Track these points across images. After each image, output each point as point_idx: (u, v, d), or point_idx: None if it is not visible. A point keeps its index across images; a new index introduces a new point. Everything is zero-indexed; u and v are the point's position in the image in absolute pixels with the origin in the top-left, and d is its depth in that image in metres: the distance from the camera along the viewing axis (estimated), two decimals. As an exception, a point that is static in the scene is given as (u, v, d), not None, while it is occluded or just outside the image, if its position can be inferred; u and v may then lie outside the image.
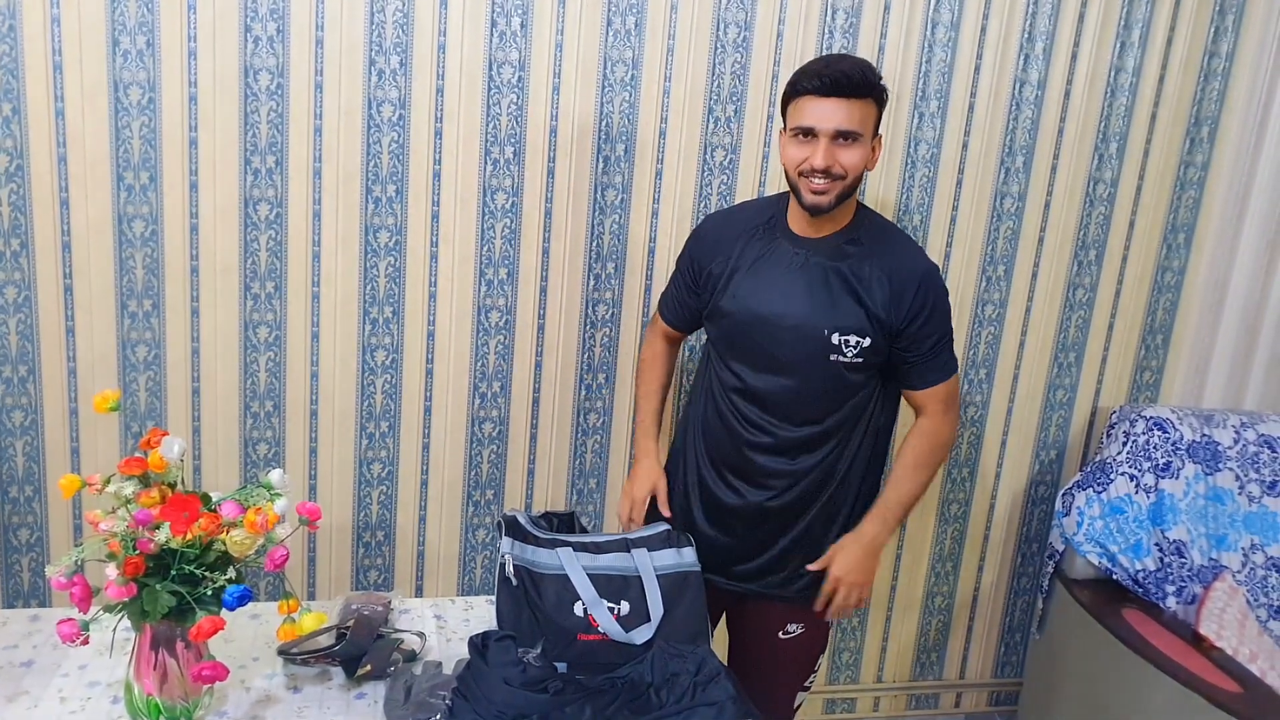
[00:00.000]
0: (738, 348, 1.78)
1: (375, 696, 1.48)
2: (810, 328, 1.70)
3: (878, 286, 1.69)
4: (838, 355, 1.70)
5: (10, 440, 2.01)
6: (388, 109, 2.00)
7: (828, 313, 1.69)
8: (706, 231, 1.87)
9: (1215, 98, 2.37)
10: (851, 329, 1.69)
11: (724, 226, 1.84)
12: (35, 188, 1.90)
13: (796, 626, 1.88)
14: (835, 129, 1.60)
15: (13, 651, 1.52)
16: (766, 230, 1.77)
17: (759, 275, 1.74)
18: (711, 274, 1.81)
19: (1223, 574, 2.27)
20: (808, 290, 1.71)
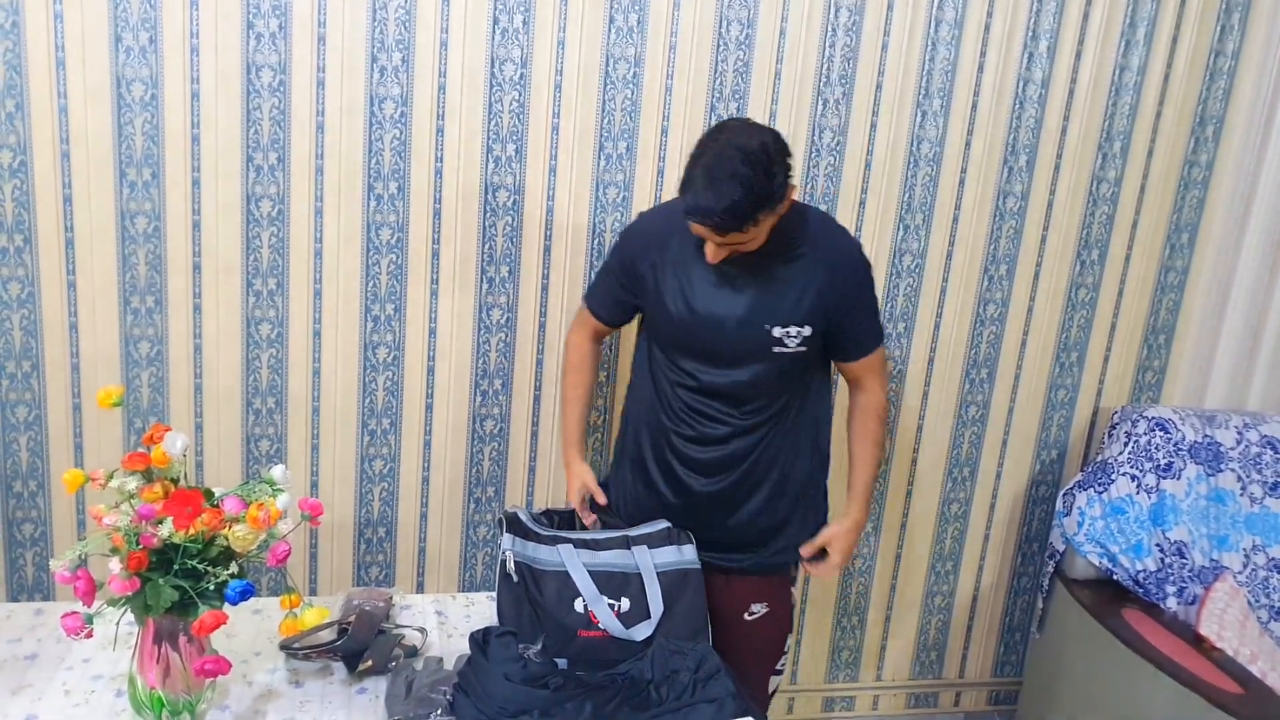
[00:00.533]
0: (684, 346, 1.80)
1: (376, 692, 1.48)
2: (753, 325, 1.73)
3: (815, 276, 1.73)
4: (780, 347, 1.74)
5: (14, 435, 2.02)
6: (390, 106, 2.00)
7: (769, 308, 1.73)
8: (640, 230, 1.87)
9: (1220, 96, 2.37)
10: (792, 321, 1.73)
11: (657, 225, 1.83)
12: (39, 184, 1.91)
13: (760, 607, 1.90)
14: (726, 243, 1.62)
15: (17, 645, 1.53)
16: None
17: (698, 275, 1.75)
18: (645, 274, 1.81)
19: (1224, 575, 2.27)
20: (747, 288, 1.73)
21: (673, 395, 1.83)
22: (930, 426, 2.46)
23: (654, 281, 1.79)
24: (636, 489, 1.92)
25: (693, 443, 1.83)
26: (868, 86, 2.19)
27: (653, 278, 1.79)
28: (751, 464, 1.84)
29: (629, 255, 1.84)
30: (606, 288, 1.91)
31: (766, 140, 1.57)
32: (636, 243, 1.84)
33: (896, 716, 2.67)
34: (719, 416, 1.80)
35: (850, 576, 2.53)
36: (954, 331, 2.40)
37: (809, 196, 2.23)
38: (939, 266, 2.35)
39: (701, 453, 1.83)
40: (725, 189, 1.53)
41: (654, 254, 1.79)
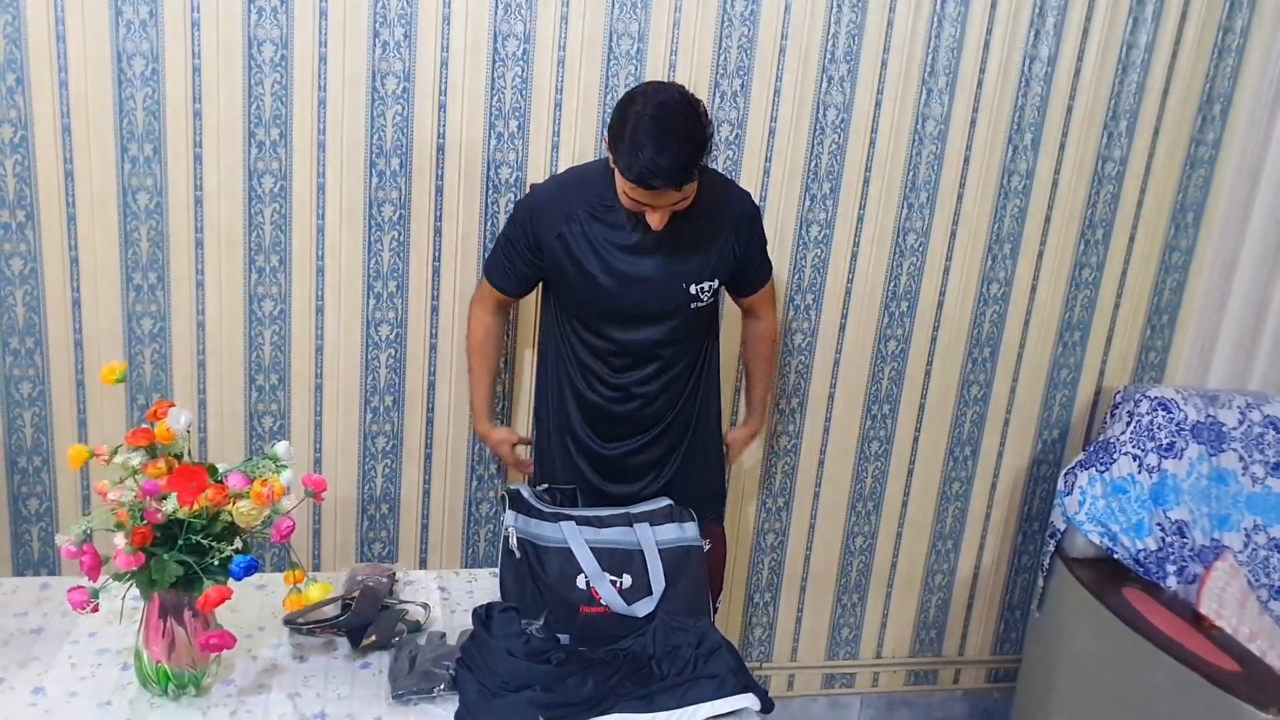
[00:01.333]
0: (605, 312, 1.87)
1: (380, 666, 1.49)
2: (671, 285, 1.84)
3: (721, 232, 1.86)
4: (696, 302, 1.87)
5: (19, 411, 2.02)
6: (392, 81, 1.99)
7: (683, 268, 1.83)
8: (540, 204, 1.88)
9: (1228, 75, 2.35)
10: (705, 276, 1.86)
11: (560, 197, 1.86)
12: (40, 159, 1.90)
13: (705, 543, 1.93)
14: (668, 204, 1.69)
15: (23, 619, 1.54)
16: (602, 200, 1.81)
17: (610, 243, 1.81)
18: (554, 247, 1.83)
19: (1224, 554, 2.28)
20: (659, 248, 1.81)
21: (591, 360, 1.92)
22: (932, 405, 2.46)
23: (566, 253, 1.83)
24: (565, 458, 1.99)
25: (615, 403, 1.93)
26: (872, 63, 2.18)
27: (564, 250, 1.83)
28: (674, 418, 1.97)
29: (531, 230, 1.86)
30: (508, 261, 1.92)
31: (683, 91, 1.67)
32: (538, 217, 1.86)
33: (896, 693, 2.69)
34: (639, 376, 1.91)
35: (851, 554, 2.54)
36: (957, 310, 2.40)
37: (813, 174, 2.22)
38: (943, 245, 2.34)
39: (624, 413, 1.93)
40: (675, 146, 1.61)
41: (560, 226, 1.82)
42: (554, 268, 1.86)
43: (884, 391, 2.43)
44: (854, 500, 2.50)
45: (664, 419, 1.96)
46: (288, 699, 1.40)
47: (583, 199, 1.82)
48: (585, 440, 1.97)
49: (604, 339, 1.89)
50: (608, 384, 1.92)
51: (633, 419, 1.94)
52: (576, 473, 1.98)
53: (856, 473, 2.47)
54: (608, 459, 1.97)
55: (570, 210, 1.82)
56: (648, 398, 1.93)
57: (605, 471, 1.98)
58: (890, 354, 2.40)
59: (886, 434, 2.46)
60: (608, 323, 1.88)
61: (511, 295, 1.98)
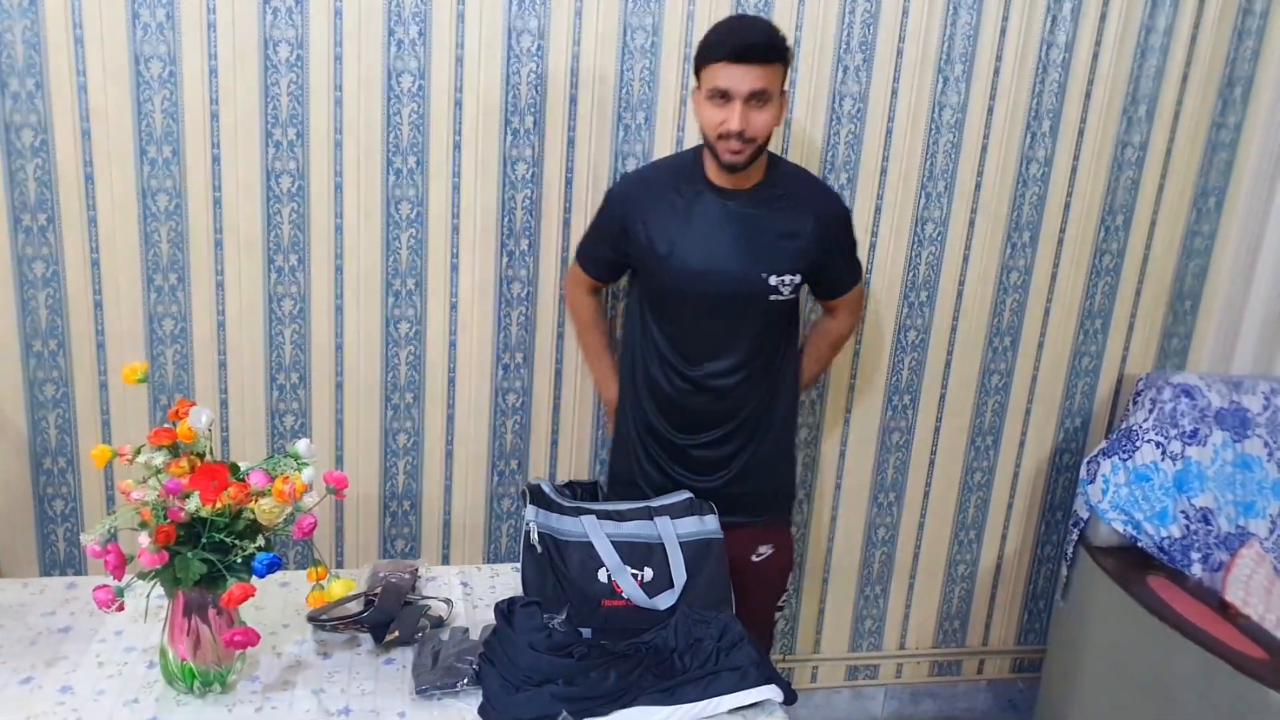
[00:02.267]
0: (677, 301, 1.88)
1: (403, 662, 1.50)
2: (750, 275, 1.83)
3: (804, 227, 1.85)
4: (775, 295, 1.86)
5: (43, 413, 2.04)
6: (407, 80, 2.00)
7: (764, 258, 1.84)
8: (627, 191, 1.93)
9: (1249, 57, 2.32)
10: (786, 269, 1.85)
11: (644, 185, 1.92)
12: (60, 162, 1.92)
13: (767, 548, 2.03)
14: (749, 91, 1.69)
15: (51, 618, 1.55)
16: (689, 186, 1.85)
17: (691, 231, 1.83)
18: (637, 233, 1.87)
19: (1250, 541, 2.26)
20: (741, 239, 1.83)
21: (667, 350, 1.92)
22: (953, 395, 2.45)
23: (647, 238, 1.85)
24: (641, 447, 1.99)
25: (688, 395, 1.92)
26: (888, 52, 2.16)
27: (645, 235, 1.85)
28: (746, 414, 1.95)
29: (618, 216, 1.90)
30: (597, 248, 1.98)
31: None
32: (625, 204, 1.90)
33: (920, 684, 2.68)
34: (714, 369, 1.90)
35: (873, 545, 2.53)
36: (977, 300, 2.38)
37: (830, 164, 2.21)
38: (961, 234, 2.32)
39: (697, 405, 1.93)
40: (753, 25, 1.73)
41: (646, 212, 1.86)
42: (637, 253, 1.88)
43: (904, 382, 2.41)
44: (875, 491, 2.49)
45: (736, 415, 1.95)
46: (312, 695, 1.41)
47: (669, 184, 1.86)
48: (660, 430, 1.97)
49: (681, 328, 1.90)
50: (682, 375, 1.92)
51: (705, 412, 1.94)
52: (651, 462, 1.99)
53: (878, 464, 2.46)
54: (679, 450, 1.97)
55: (657, 195, 1.86)
56: (720, 392, 1.92)
57: (679, 462, 1.98)
58: (910, 344, 2.39)
59: (907, 425, 2.45)
60: (686, 310, 1.88)
61: (597, 279, 2.03)
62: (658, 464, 1.99)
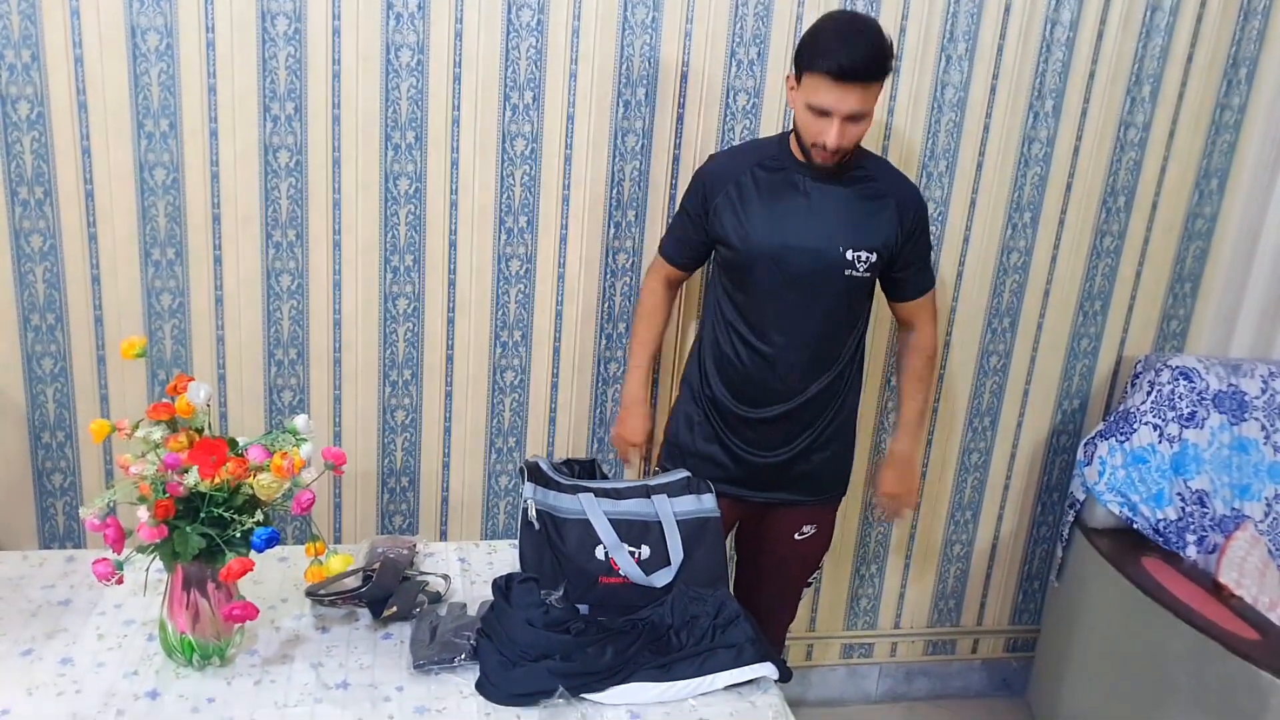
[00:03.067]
0: (754, 273, 1.87)
1: (401, 637, 1.51)
2: (829, 247, 1.84)
3: (885, 208, 1.87)
4: (851, 270, 1.86)
5: (41, 387, 2.04)
6: (406, 54, 1.98)
7: (843, 232, 1.84)
8: (714, 167, 1.94)
9: (1255, 37, 2.30)
10: (864, 246, 1.85)
11: (731, 160, 1.93)
12: (57, 135, 1.91)
13: (810, 527, 2.04)
14: (850, 111, 1.70)
15: (50, 591, 1.56)
16: (775, 160, 1.86)
17: (773, 204, 1.85)
18: (721, 206, 1.88)
19: (1245, 523, 2.27)
20: (822, 212, 1.84)
21: (738, 322, 1.92)
22: (952, 376, 2.45)
23: (730, 211, 1.87)
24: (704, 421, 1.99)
25: (757, 369, 1.91)
26: (892, 31, 2.14)
27: (729, 208, 1.87)
28: (814, 393, 1.93)
29: (703, 192, 1.92)
30: (681, 230, 1.99)
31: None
32: (711, 179, 1.92)
33: (914, 663, 2.70)
34: (784, 343, 1.89)
35: (870, 525, 2.54)
36: (977, 280, 2.38)
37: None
38: (962, 214, 2.32)
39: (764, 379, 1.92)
40: (864, 40, 1.68)
41: (729, 187, 1.88)
42: (718, 228, 1.89)
43: (902, 362, 2.41)
44: (872, 471, 2.49)
45: (801, 394, 1.92)
46: (310, 669, 1.42)
47: (753, 158, 1.88)
48: (724, 402, 1.96)
49: (756, 299, 1.89)
50: (752, 348, 1.91)
51: (772, 388, 1.92)
52: (712, 434, 1.98)
53: (875, 443, 2.47)
54: (741, 422, 1.95)
55: (741, 168, 1.88)
56: (788, 367, 1.90)
57: (739, 436, 1.96)
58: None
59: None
60: (762, 282, 1.87)
61: (682, 268, 2.02)
62: (719, 437, 1.97)
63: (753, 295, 1.89)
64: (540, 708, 1.37)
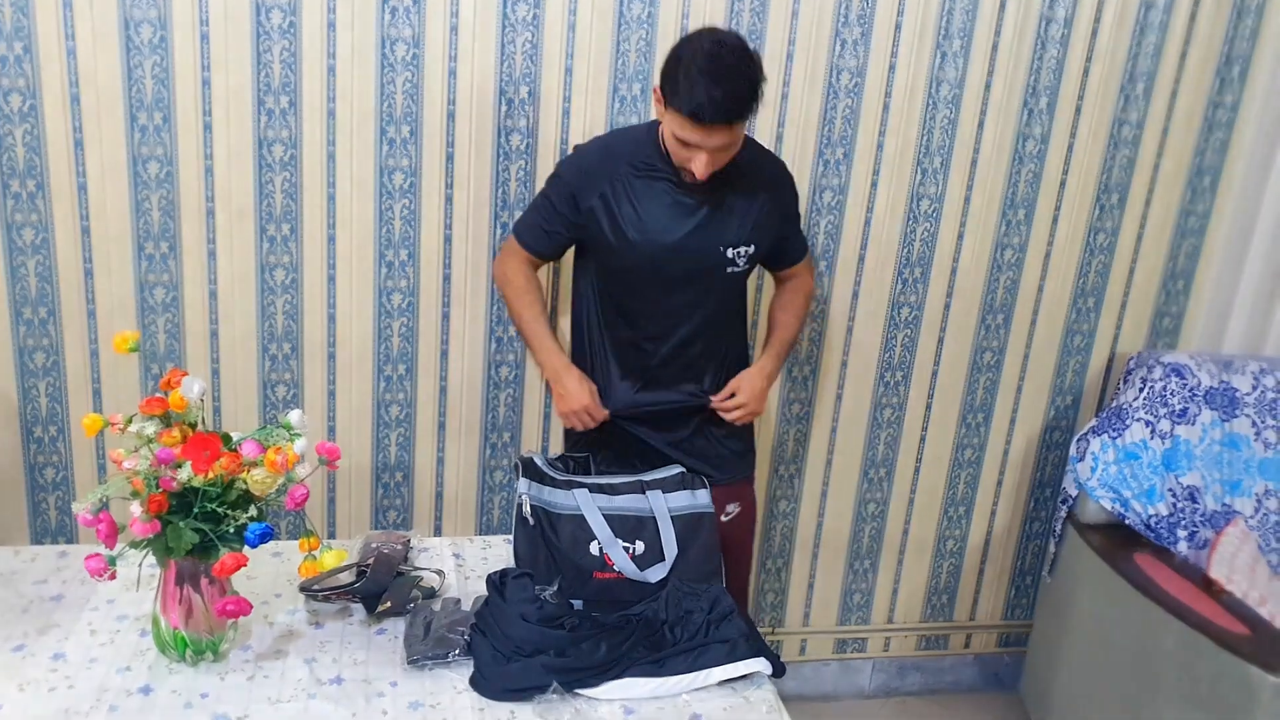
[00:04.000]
0: (637, 274, 1.86)
1: (395, 632, 1.51)
2: (708, 249, 1.83)
3: (756, 196, 1.85)
4: (732, 267, 1.86)
5: (34, 381, 2.04)
6: (401, 48, 1.97)
7: (720, 232, 1.83)
8: (583, 164, 1.87)
9: (1248, 35, 2.31)
10: (742, 241, 1.85)
11: (603, 158, 1.85)
12: (49, 128, 1.90)
13: (734, 507, 2.02)
14: (715, 146, 1.66)
15: (43, 586, 1.56)
16: (645, 162, 1.81)
17: (650, 205, 1.81)
18: (595, 207, 1.82)
19: (1235, 519, 2.28)
20: (699, 211, 1.81)
21: (622, 327, 1.91)
22: (945, 371, 2.45)
23: (606, 212, 1.82)
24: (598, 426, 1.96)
25: (645, 370, 1.92)
26: (886, 27, 2.15)
27: (604, 209, 1.82)
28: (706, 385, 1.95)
29: (571, 191, 1.84)
30: (545, 222, 1.90)
31: (739, 35, 1.68)
32: (582, 177, 1.85)
33: (907, 658, 2.71)
34: (671, 343, 1.90)
35: (863, 520, 2.54)
36: (971, 276, 2.38)
37: (826, 139, 2.20)
38: (957, 210, 2.32)
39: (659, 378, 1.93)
40: (730, 80, 1.60)
41: (603, 185, 1.82)
42: (592, 228, 1.84)
43: (897, 359, 2.42)
44: (866, 467, 2.50)
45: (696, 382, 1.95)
46: (304, 664, 1.42)
47: (627, 158, 1.82)
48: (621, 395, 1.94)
49: (637, 301, 1.89)
50: (639, 348, 1.91)
51: (659, 379, 1.93)
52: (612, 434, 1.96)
53: (869, 439, 2.47)
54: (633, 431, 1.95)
55: (614, 169, 1.82)
56: (679, 364, 1.92)
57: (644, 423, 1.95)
58: (903, 320, 2.39)
59: (899, 401, 2.46)
60: (642, 285, 1.87)
61: (541, 257, 1.96)
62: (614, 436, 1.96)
63: (635, 297, 1.88)
64: (534, 703, 1.37)
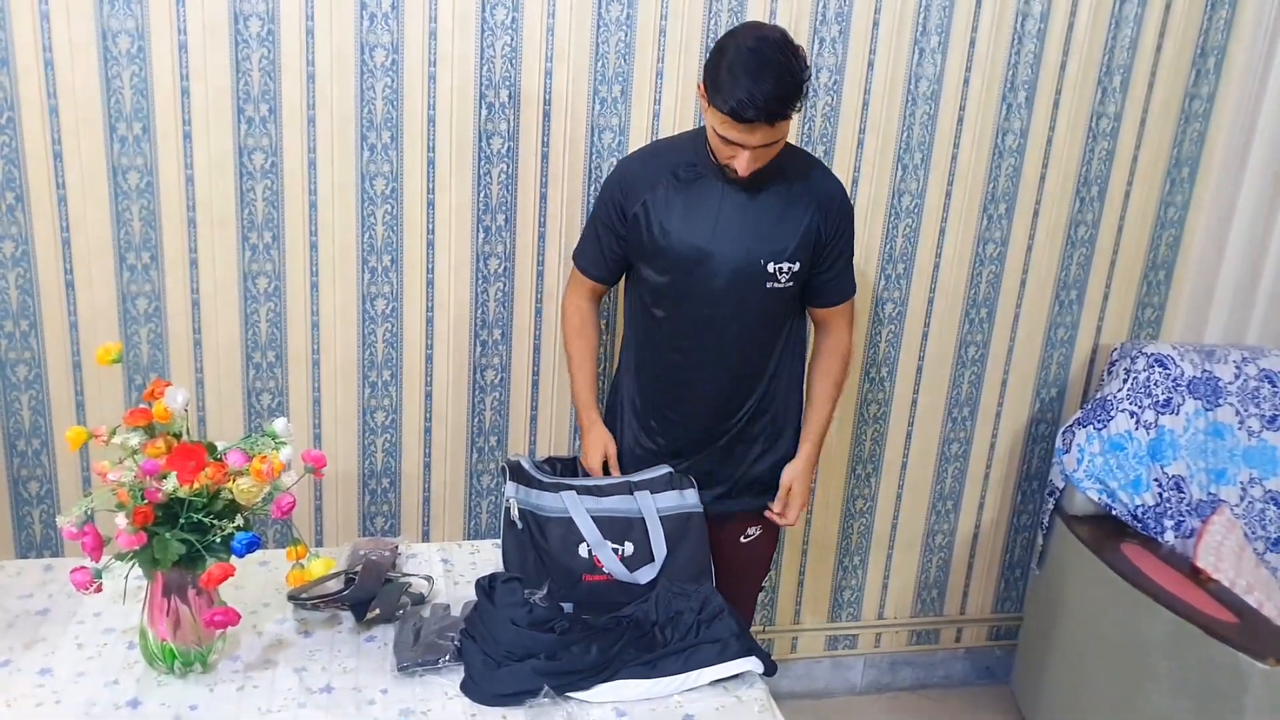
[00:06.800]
0: (676, 285, 1.81)
1: (385, 639, 1.51)
2: (748, 259, 1.77)
3: (805, 210, 1.79)
4: (773, 282, 1.79)
5: (16, 395, 2.02)
6: (380, 54, 1.97)
7: (763, 243, 1.77)
8: (625, 176, 1.85)
9: (1222, 27, 2.33)
10: (784, 256, 1.78)
11: (645, 166, 1.84)
12: (28, 140, 1.89)
13: (755, 529, 2.00)
14: (759, 144, 1.64)
15: (28, 600, 1.55)
16: (689, 168, 1.78)
17: (691, 211, 1.77)
18: (638, 215, 1.81)
19: (1221, 508, 2.29)
20: (741, 222, 1.77)
21: (662, 341, 1.86)
22: (930, 367, 2.46)
23: (646, 221, 1.80)
24: (636, 448, 1.93)
25: (687, 389, 1.86)
26: (864, 24, 2.16)
27: (645, 218, 1.80)
28: (749, 411, 1.89)
29: (617, 202, 1.83)
30: (597, 242, 1.89)
31: (784, 31, 1.64)
32: (623, 189, 1.83)
33: (898, 653, 2.72)
34: (708, 359, 1.84)
35: (852, 517, 2.55)
36: (953, 271, 2.39)
37: (806, 137, 2.21)
38: (938, 206, 2.33)
39: (700, 403, 1.87)
40: (772, 77, 1.57)
41: (644, 194, 1.80)
42: (635, 238, 1.82)
43: (881, 355, 2.43)
44: (853, 463, 2.51)
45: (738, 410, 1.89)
46: (294, 673, 1.41)
47: (668, 166, 1.79)
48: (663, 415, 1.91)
49: (681, 312, 1.82)
50: (682, 366, 1.85)
51: (700, 404, 1.87)
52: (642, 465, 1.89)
53: (855, 436, 2.48)
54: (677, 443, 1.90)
55: (656, 178, 1.79)
56: (719, 383, 1.86)
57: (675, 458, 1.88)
58: (887, 317, 2.40)
59: (885, 397, 2.47)
60: (684, 295, 1.81)
61: (602, 281, 1.93)
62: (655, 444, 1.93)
63: (679, 308, 1.82)
64: (526, 707, 1.37)
